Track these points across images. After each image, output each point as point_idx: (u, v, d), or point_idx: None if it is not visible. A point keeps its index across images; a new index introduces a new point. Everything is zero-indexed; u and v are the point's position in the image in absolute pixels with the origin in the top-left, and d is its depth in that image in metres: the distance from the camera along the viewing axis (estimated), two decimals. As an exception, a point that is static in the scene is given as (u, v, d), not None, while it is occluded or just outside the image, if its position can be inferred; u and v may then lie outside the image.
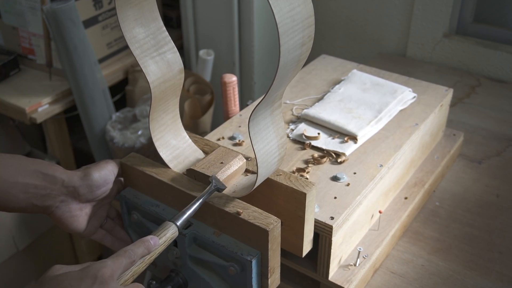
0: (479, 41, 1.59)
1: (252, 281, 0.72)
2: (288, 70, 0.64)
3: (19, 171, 0.72)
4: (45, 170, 0.73)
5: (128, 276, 0.64)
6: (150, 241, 0.67)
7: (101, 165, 0.78)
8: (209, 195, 0.73)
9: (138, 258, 0.65)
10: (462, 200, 1.09)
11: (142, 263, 0.66)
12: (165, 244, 0.69)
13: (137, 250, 0.65)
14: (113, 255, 0.64)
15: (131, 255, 0.65)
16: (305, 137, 0.97)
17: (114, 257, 0.64)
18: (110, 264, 0.62)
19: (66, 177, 0.74)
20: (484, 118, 1.35)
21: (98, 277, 0.60)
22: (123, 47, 1.80)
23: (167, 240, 0.69)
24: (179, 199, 0.77)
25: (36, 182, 0.73)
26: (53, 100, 1.60)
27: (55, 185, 0.74)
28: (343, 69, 1.21)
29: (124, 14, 0.72)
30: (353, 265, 0.87)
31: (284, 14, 0.59)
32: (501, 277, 0.92)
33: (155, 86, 0.76)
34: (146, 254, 0.66)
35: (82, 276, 0.60)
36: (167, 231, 0.69)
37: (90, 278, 0.60)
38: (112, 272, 0.61)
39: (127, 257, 0.64)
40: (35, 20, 1.59)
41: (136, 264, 0.65)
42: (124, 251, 0.65)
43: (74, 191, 0.75)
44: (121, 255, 0.64)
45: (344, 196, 0.84)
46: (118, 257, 0.64)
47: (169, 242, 0.69)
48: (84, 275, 0.60)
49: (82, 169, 0.77)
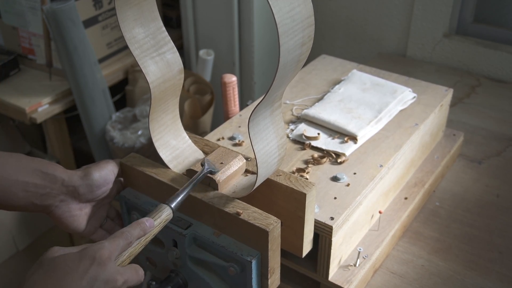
0: (479, 41, 1.59)
1: (252, 281, 0.72)
2: (288, 70, 0.64)
3: (19, 170, 0.72)
4: (45, 169, 0.74)
5: (125, 257, 0.66)
6: (146, 223, 0.68)
7: (101, 165, 0.78)
8: (202, 177, 0.74)
9: (134, 239, 0.67)
10: (462, 200, 1.09)
11: (138, 244, 0.67)
12: (160, 226, 0.70)
13: (133, 231, 0.67)
14: (110, 236, 0.66)
15: (128, 237, 0.66)
16: (305, 137, 0.97)
17: (111, 238, 0.65)
18: (108, 246, 0.63)
19: (66, 177, 0.74)
20: (484, 118, 1.35)
21: (96, 258, 0.61)
22: (123, 47, 1.80)
23: (161, 221, 0.70)
24: (179, 199, 0.76)
25: (36, 181, 0.73)
26: (53, 100, 1.60)
27: (55, 184, 0.74)
28: (343, 69, 1.21)
29: (124, 14, 0.71)
30: (353, 265, 0.87)
31: (284, 14, 0.59)
32: (501, 277, 0.92)
33: (155, 86, 0.76)
34: (142, 236, 0.68)
35: (80, 257, 0.61)
36: (162, 213, 0.70)
37: (88, 259, 0.61)
38: (110, 253, 0.62)
39: (123, 238, 0.65)
40: (35, 20, 1.59)
41: (133, 246, 0.67)
42: (121, 233, 0.66)
43: (74, 190, 0.75)
44: (118, 236, 0.65)
45: (344, 196, 0.84)
46: (115, 239, 0.65)
47: (163, 224, 0.70)
48: (82, 256, 0.61)
49: (82, 168, 0.77)
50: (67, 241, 1.86)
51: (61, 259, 0.61)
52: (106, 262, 0.62)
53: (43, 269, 0.60)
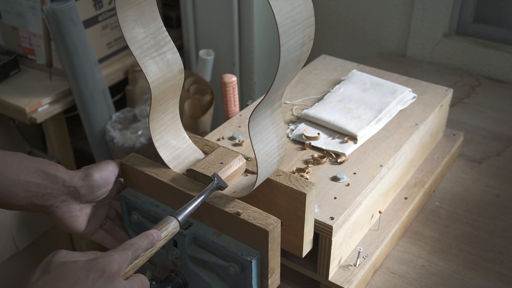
0: (479, 41, 1.59)
1: (252, 281, 0.72)
2: (288, 70, 0.64)
3: (20, 169, 0.72)
4: (47, 169, 0.74)
5: (129, 269, 0.65)
6: (154, 235, 0.67)
7: (102, 166, 0.78)
8: (211, 193, 0.73)
9: (142, 252, 0.66)
10: (462, 200, 1.09)
11: (143, 256, 0.67)
12: (166, 239, 0.69)
13: (141, 243, 0.66)
14: (119, 247, 0.65)
15: (136, 249, 0.65)
16: (305, 137, 0.97)
17: (121, 250, 0.64)
18: (118, 259, 0.62)
19: (67, 177, 0.74)
20: (484, 118, 1.35)
21: (106, 272, 0.60)
22: (123, 47, 1.80)
23: (168, 234, 0.69)
24: (179, 199, 0.76)
25: (37, 181, 0.72)
26: (53, 100, 1.60)
27: (56, 185, 0.74)
28: (343, 69, 1.21)
29: (124, 14, 0.72)
30: (353, 265, 0.87)
31: (284, 14, 0.59)
32: (501, 277, 0.92)
33: (155, 86, 0.76)
34: (150, 248, 0.67)
35: (89, 269, 0.60)
36: (169, 226, 0.69)
37: (97, 271, 0.60)
38: (119, 267, 0.62)
39: (132, 251, 0.65)
40: (35, 20, 1.59)
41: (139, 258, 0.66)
42: (130, 245, 0.65)
43: (75, 191, 0.75)
44: (127, 248, 0.64)
45: (344, 196, 0.84)
46: (124, 251, 0.64)
47: (170, 236, 0.69)
48: (92, 268, 0.60)
49: (83, 169, 0.77)
50: (67, 241, 1.86)
51: (70, 268, 0.60)
52: (115, 276, 0.61)
53: (50, 275, 0.59)
